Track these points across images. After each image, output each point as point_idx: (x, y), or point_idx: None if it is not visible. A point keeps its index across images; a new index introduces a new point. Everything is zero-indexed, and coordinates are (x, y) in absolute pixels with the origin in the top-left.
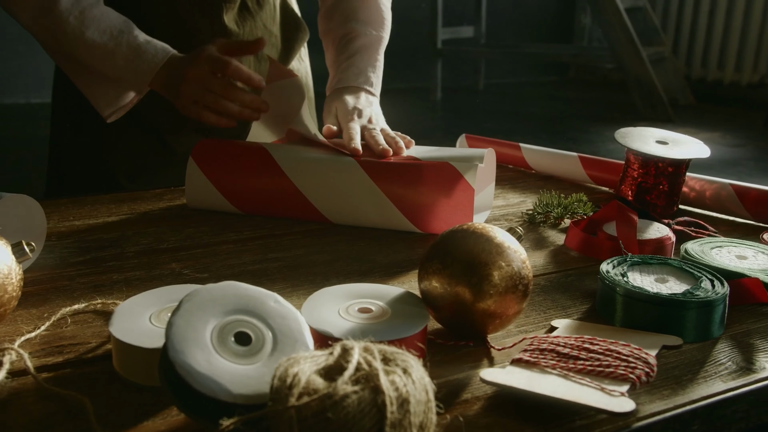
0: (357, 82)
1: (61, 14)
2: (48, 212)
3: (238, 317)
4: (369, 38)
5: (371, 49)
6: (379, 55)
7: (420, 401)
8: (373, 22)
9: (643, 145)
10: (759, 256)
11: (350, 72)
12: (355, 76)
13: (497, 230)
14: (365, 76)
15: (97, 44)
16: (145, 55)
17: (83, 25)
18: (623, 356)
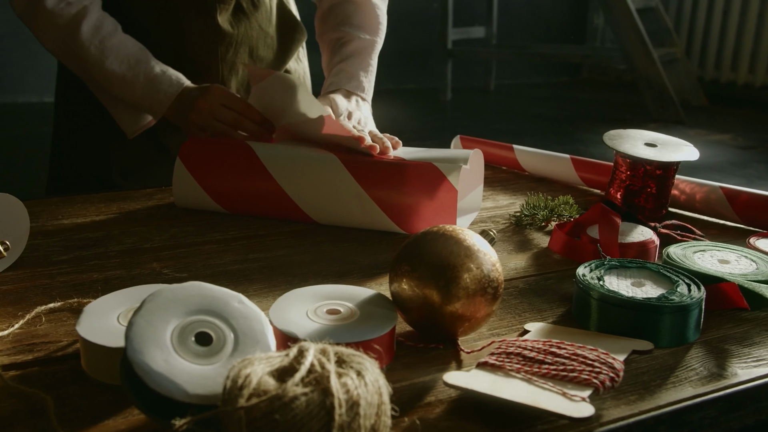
0: (349, 86)
1: (83, 44)
2: (38, 211)
3: (200, 317)
4: (362, 42)
5: (364, 54)
6: (372, 59)
7: (372, 404)
8: (367, 27)
9: (631, 148)
10: (742, 260)
11: (342, 76)
12: (347, 80)
13: (468, 233)
14: (357, 81)
15: (116, 74)
16: (161, 86)
17: (103, 55)
18: (589, 361)
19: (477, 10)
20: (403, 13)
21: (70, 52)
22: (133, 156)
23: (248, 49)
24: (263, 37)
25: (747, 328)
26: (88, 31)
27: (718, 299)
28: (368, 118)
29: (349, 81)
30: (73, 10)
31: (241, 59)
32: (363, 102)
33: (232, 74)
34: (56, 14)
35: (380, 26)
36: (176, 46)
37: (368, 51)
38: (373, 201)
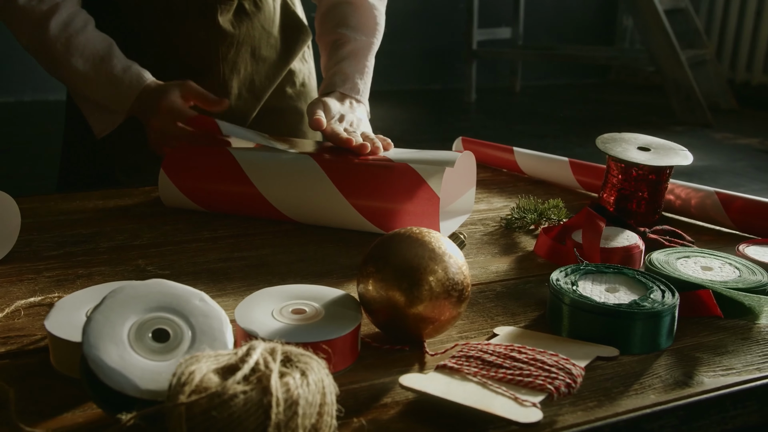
0: (343, 89)
1: (50, 40)
2: (36, 207)
3: (159, 314)
4: (358, 44)
5: (359, 56)
6: (368, 60)
7: (313, 404)
8: (364, 28)
9: (623, 152)
10: (725, 267)
11: (337, 78)
12: (342, 82)
13: (436, 236)
14: (351, 83)
15: (80, 72)
16: (121, 86)
17: (68, 53)
18: (546, 366)
19: (503, 11)
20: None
21: (40, 48)
22: (136, 154)
23: (250, 49)
24: (266, 37)
25: (722, 336)
26: (56, 28)
27: (692, 306)
28: (362, 119)
29: (344, 83)
30: (44, 7)
31: (242, 59)
32: (357, 104)
33: (233, 74)
34: (27, 11)
35: (377, 27)
36: (176, 46)
37: (364, 53)
38: (351, 206)
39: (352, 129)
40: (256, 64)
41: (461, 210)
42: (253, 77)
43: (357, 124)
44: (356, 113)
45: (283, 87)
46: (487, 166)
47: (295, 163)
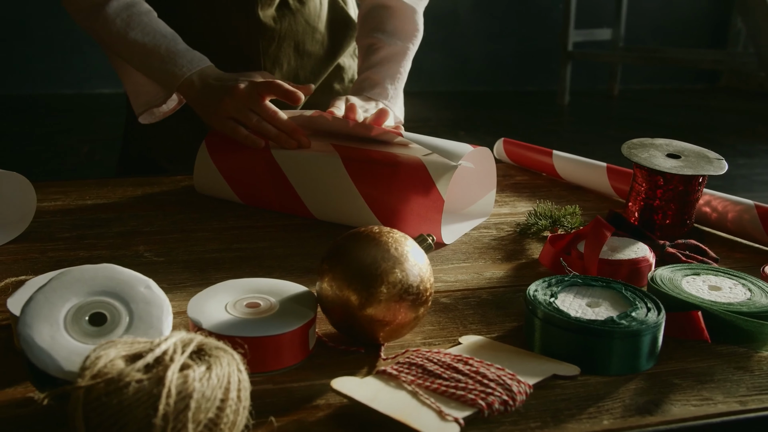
0: (371, 93)
1: (109, 15)
2: (70, 191)
3: (100, 299)
4: (393, 49)
5: (393, 61)
6: (402, 67)
7: (211, 398)
8: (401, 33)
9: (649, 158)
10: (737, 288)
11: (365, 84)
12: (370, 87)
13: (396, 236)
14: (380, 88)
15: (138, 43)
16: (181, 60)
17: (128, 27)
18: (485, 380)
19: (604, 11)
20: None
21: (95, 26)
22: (179, 143)
23: (293, 44)
24: (311, 32)
25: (713, 363)
26: (117, 7)
27: (679, 327)
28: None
29: (372, 88)
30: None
31: (285, 53)
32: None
33: (275, 68)
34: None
35: (416, 33)
36: (217, 39)
37: (398, 58)
38: (363, 200)
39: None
40: (301, 59)
41: (478, 213)
42: (297, 72)
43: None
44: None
45: (331, 83)
46: (526, 170)
47: (321, 156)
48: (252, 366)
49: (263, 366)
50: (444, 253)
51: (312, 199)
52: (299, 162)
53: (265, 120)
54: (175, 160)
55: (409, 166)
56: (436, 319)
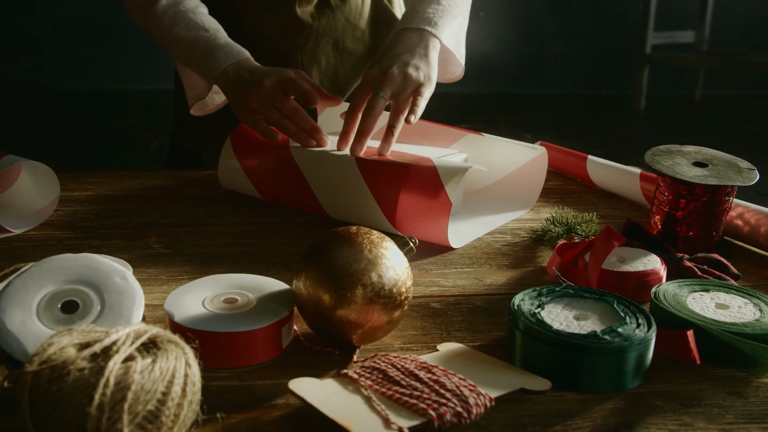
0: (411, 24)
1: (157, 12)
2: (105, 182)
3: (75, 287)
4: None
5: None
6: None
7: (151, 391)
8: None
9: (673, 166)
10: (746, 308)
11: (406, 16)
12: (410, 18)
13: (373, 239)
14: (421, 17)
15: (181, 38)
16: (219, 53)
17: (174, 23)
18: (443, 390)
19: (687, 13)
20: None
21: (146, 22)
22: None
23: (332, 41)
24: (351, 30)
25: (705, 386)
26: (166, 4)
27: (669, 346)
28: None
29: (413, 18)
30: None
31: (323, 50)
32: (418, 35)
33: (313, 65)
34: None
35: None
36: (255, 35)
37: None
38: (374, 200)
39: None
40: (340, 57)
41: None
42: (336, 69)
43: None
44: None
45: None
46: (560, 174)
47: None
48: (220, 362)
49: (231, 362)
50: (450, 256)
51: (327, 198)
52: (315, 160)
53: (286, 117)
54: (215, 156)
55: (420, 168)
56: (421, 324)
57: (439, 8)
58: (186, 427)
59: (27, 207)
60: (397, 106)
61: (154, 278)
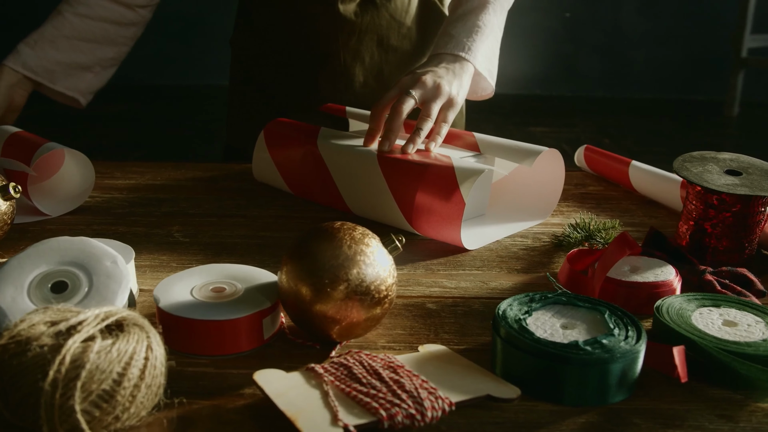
0: (446, 49)
1: None
2: (148, 171)
3: (67, 268)
4: (471, 4)
5: (470, 15)
6: (480, 20)
7: (106, 371)
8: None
9: (702, 173)
10: (757, 326)
11: (440, 40)
12: (444, 43)
13: (354, 235)
14: (456, 41)
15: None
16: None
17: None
18: (400, 391)
19: None
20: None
21: None
22: None
23: (376, 38)
24: (396, 27)
25: (693, 406)
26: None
27: (657, 360)
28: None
29: (446, 44)
30: None
31: (367, 47)
32: (453, 59)
33: (356, 62)
34: None
35: None
36: (297, 32)
37: (476, 12)
38: (393, 197)
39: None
40: (385, 54)
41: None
42: (381, 66)
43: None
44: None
45: None
46: (602, 179)
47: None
48: (198, 348)
49: (209, 349)
50: (462, 258)
51: (349, 194)
52: (340, 155)
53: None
54: None
55: (438, 167)
56: (411, 323)
57: (473, 29)
58: (146, 408)
59: (65, 193)
60: (426, 112)
61: (165, 265)
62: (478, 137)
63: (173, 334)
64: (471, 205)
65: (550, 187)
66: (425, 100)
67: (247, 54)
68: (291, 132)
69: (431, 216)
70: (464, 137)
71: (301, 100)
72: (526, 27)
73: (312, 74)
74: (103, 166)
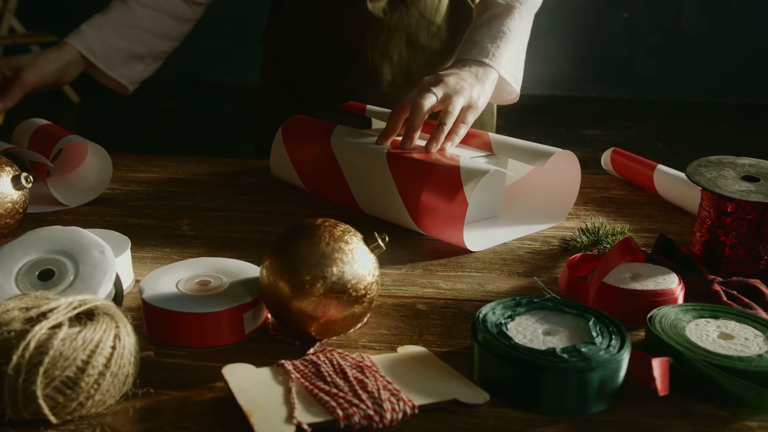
0: (470, 55)
1: None
2: (169, 165)
3: (56, 257)
4: (496, 9)
5: (495, 20)
6: (504, 25)
7: (69, 358)
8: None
9: (716, 179)
10: (755, 341)
11: (465, 46)
12: (468, 49)
13: (335, 232)
14: (480, 47)
15: None
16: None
17: None
18: (361, 391)
19: None
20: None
21: None
22: None
23: (404, 36)
24: (425, 26)
25: (675, 422)
26: None
27: (638, 371)
28: (467, 83)
29: (471, 50)
30: None
31: (395, 46)
32: (477, 65)
33: (384, 60)
34: None
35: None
36: (325, 29)
37: (501, 18)
38: (399, 196)
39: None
40: (414, 52)
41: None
42: (410, 65)
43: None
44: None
45: None
46: (629, 183)
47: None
48: (178, 340)
49: (188, 341)
50: (464, 259)
51: (360, 192)
52: (351, 153)
53: None
54: None
55: (444, 167)
56: (396, 324)
57: (498, 35)
58: (113, 397)
59: (84, 185)
60: (449, 108)
61: (167, 257)
62: (492, 137)
63: (155, 326)
64: (480, 206)
65: (565, 189)
66: (447, 97)
67: (276, 51)
68: (307, 129)
69: (436, 216)
70: (480, 136)
71: (329, 98)
72: (581, 28)
73: (340, 72)
74: (130, 160)
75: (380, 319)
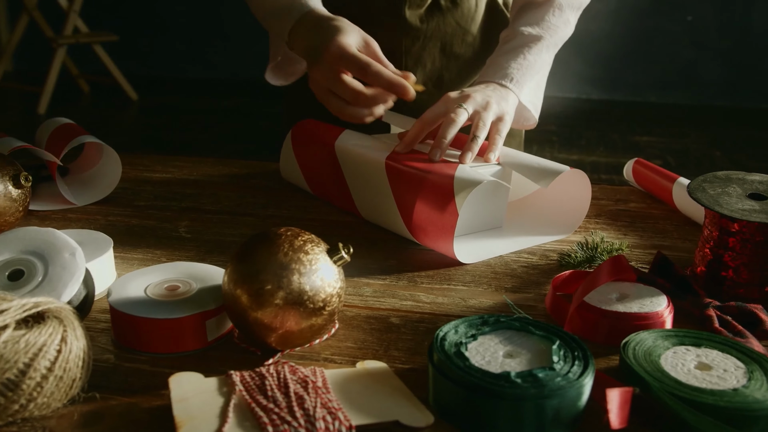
0: (491, 78)
1: None
2: (184, 166)
3: (27, 257)
4: (522, 39)
5: (520, 47)
6: (530, 54)
7: (11, 361)
8: (534, 22)
9: (718, 196)
10: (734, 372)
11: (489, 69)
12: (492, 72)
13: (295, 242)
14: (503, 71)
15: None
16: (282, 13)
17: None
18: (297, 408)
19: None
20: None
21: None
22: None
23: (439, 44)
24: (461, 34)
25: None
26: None
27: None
28: (493, 101)
29: (495, 73)
30: None
31: (429, 53)
32: (502, 89)
33: (417, 67)
34: None
35: (556, 25)
36: None
37: (526, 44)
38: (395, 204)
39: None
40: (447, 60)
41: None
42: (442, 73)
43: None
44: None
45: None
46: (649, 195)
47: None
48: (137, 345)
49: (147, 346)
50: (454, 271)
51: (359, 198)
52: (353, 159)
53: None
54: None
55: (438, 176)
56: (365, 337)
57: (523, 63)
58: (58, 401)
59: (97, 184)
60: (480, 121)
61: (156, 259)
62: (503, 150)
63: (120, 329)
64: (480, 217)
65: (575, 205)
66: (476, 113)
67: None
68: (315, 132)
69: (428, 226)
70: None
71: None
72: (645, 31)
73: None
74: (148, 160)
75: (349, 332)
